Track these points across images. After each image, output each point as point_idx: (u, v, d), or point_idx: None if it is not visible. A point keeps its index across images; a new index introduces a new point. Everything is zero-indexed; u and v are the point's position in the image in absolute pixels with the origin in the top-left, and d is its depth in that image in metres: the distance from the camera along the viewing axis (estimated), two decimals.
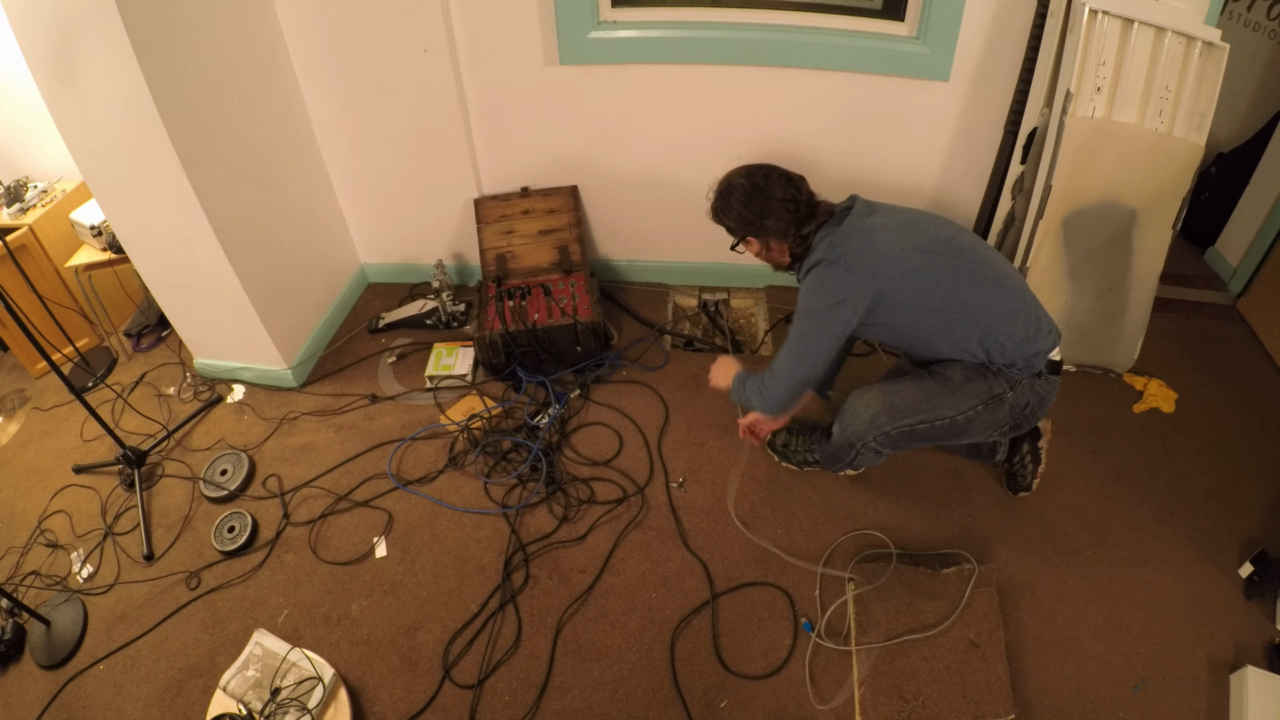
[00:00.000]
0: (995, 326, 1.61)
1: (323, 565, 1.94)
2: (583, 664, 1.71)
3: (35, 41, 1.76)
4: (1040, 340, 1.64)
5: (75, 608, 1.88)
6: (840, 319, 1.61)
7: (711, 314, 2.67)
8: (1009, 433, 1.75)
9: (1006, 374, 1.64)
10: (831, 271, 1.59)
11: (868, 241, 1.59)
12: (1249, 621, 1.73)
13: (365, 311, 2.78)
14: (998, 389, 1.64)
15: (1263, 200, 2.53)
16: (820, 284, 1.61)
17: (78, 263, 2.46)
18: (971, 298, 1.61)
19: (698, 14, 2.19)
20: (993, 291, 1.62)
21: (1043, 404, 1.69)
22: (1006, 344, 1.61)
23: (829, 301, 1.60)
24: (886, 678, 1.61)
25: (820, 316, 1.63)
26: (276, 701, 1.61)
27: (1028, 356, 1.63)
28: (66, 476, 2.25)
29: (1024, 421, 1.70)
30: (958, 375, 1.67)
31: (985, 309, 1.61)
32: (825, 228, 1.65)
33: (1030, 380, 1.65)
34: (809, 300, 1.64)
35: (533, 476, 2.10)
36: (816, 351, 1.66)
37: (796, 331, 1.68)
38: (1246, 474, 2.05)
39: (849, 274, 1.58)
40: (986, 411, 1.65)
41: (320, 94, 2.38)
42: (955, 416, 1.66)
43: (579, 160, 2.51)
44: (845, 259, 1.58)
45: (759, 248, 1.75)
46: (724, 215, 1.73)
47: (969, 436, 1.72)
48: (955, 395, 1.66)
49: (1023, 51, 2.07)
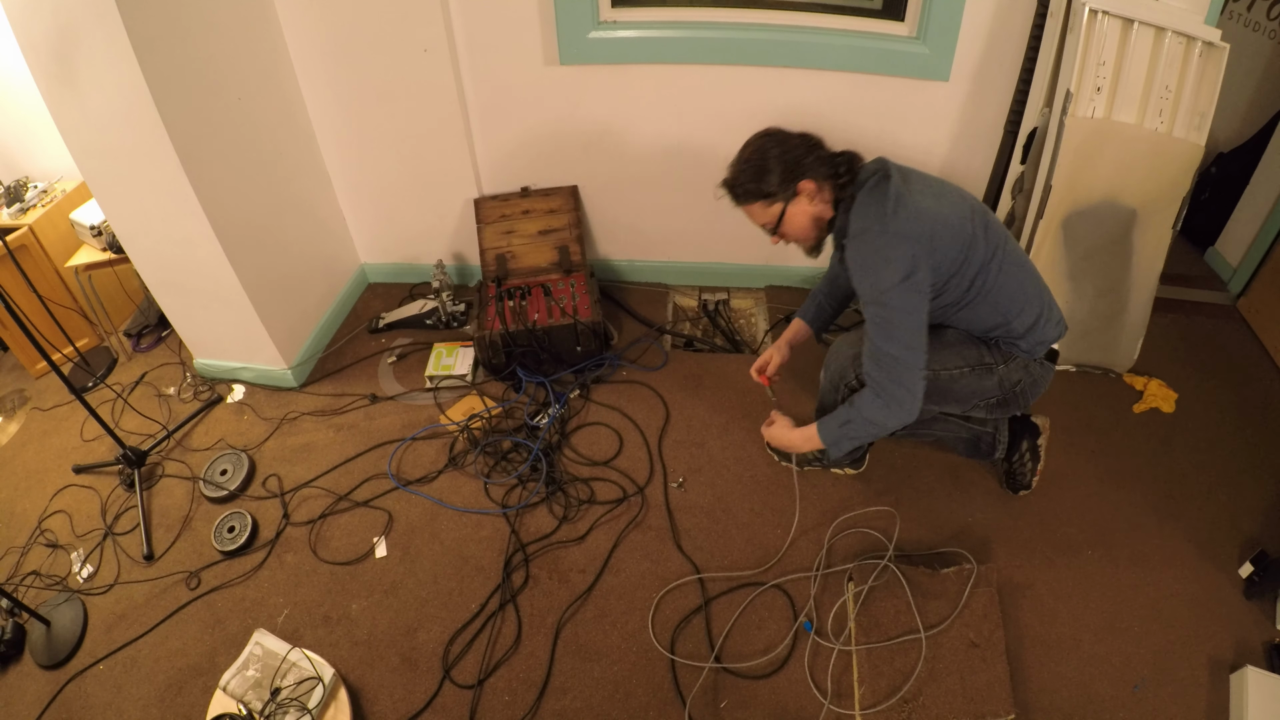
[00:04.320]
0: (1012, 309, 1.58)
1: (323, 565, 1.94)
2: (583, 664, 1.71)
3: (35, 41, 1.76)
4: (1048, 329, 1.63)
5: (75, 608, 1.88)
6: (922, 284, 1.45)
7: (711, 314, 2.67)
8: (995, 409, 1.72)
9: (1004, 349, 1.63)
10: (890, 241, 1.43)
11: (918, 208, 1.45)
12: (1249, 621, 1.73)
13: (365, 311, 2.78)
14: (989, 359, 1.63)
15: (1263, 200, 2.53)
16: (883, 258, 1.44)
17: (78, 263, 2.46)
18: (1000, 276, 1.54)
19: (698, 14, 2.19)
20: (1017, 274, 1.58)
21: (1035, 387, 1.68)
22: (1017, 327, 1.59)
23: (901, 275, 1.43)
24: (886, 678, 1.61)
25: (902, 292, 1.44)
26: (276, 701, 1.61)
27: (1032, 344, 1.62)
28: (66, 476, 2.25)
29: (1013, 399, 1.68)
30: (951, 335, 1.65)
31: (1008, 290, 1.56)
32: (867, 190, 1.50)
33: (1025, 360, 1.64)
34: (879, 279, 1.45)
35: (533, 476, 2.10)
36: (919, 326, 1.47)
37: (886, 316, 1.47)
38: (1246, 474, 2.05)
39: (909, 241, 1.42)
40: (973, 376, 1.63)
41: (320, 94, 2.38)
42: (939, 371, 1.63)
43: (579, 160, 2.51)
44: (903, 230, 1.43)
45: (805, 204, 1.56)
46: (763, 177, 1.54)
47: (953, 400, 1.70)
48: (943, 352, 1.63)
49: (1023, 51, 2.07)
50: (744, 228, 2.60)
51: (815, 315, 1.98)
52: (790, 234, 1.62)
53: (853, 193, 1.52)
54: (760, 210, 1.59)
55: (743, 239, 2.67)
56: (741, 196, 1.59)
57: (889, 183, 1.47)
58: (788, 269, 2.73)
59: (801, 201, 1.56)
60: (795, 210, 1.57)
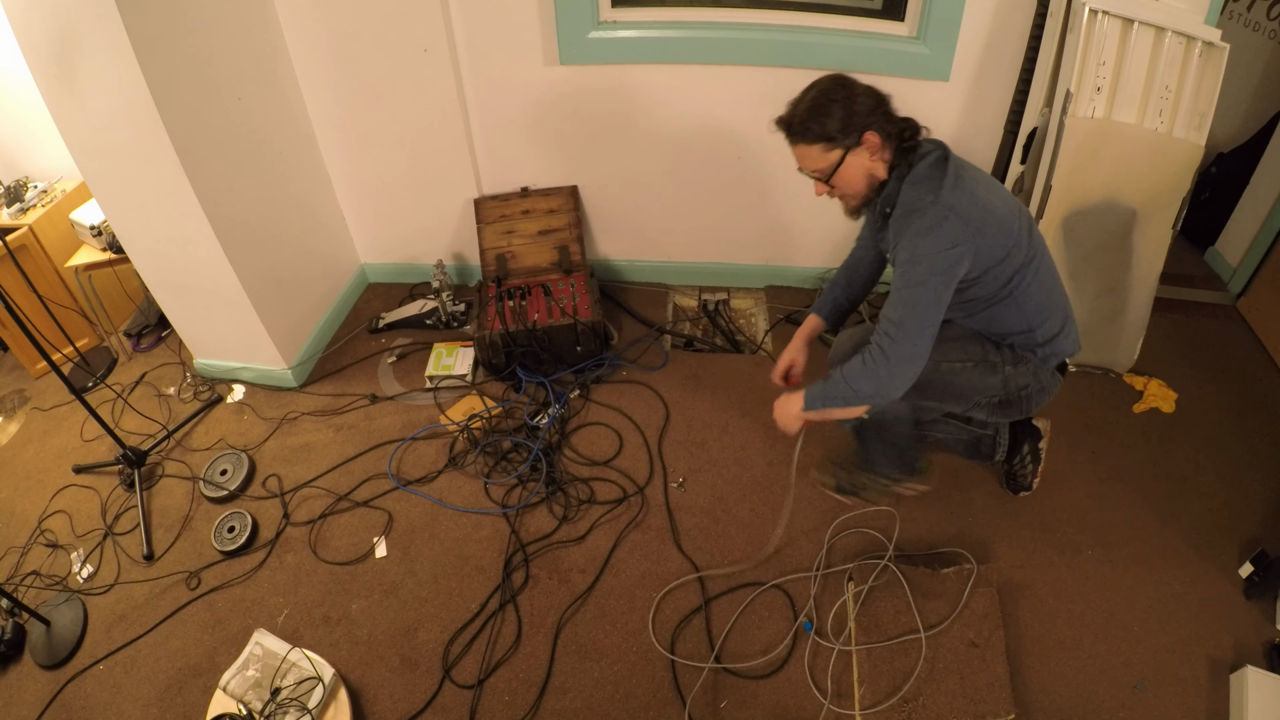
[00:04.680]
0: (1037, 317, 1.54)
1: (323, 565, 1.94)
2: (583, 664, 1.71)
3: (35, 41, 1.76)
4: (1066, 343, 1.60)
5: (75, 608, 1.88)
6: (957, 265, 1.40)
7: (711, 314, 2.67)
8: (997, 409, 1.68)
9: (1018, 352, 1.59)
10: (942, 212, 1.38)
11: (973, 193, 1.41)
12: (1249, 621, 1.72)
13: (365, 311, 2.78)
14: (993, 357, 1.59)
15: (1263, 200, 2.53)
16: (931, 227, 1.38)
17: (78, 263, 2.46)
18: (1034, 282, 1.50)
19: (698, 14, 2.19)
20: (1048, 283, 1.54)
21: (1041, 394, 1.65)
22: (1039, 335, 1.56)
23: (944, 245, 1.38)
24: (886, 678, 1.61)
25: (938, 261, 1.39)
26: (276, 701, 1.61)
27: (1048, 354, 1.59)
28: (66, 476, 2.25)
29: (1015, 402, 1.65)
30: (956, 331, 1.61)
31: (1037, 297, 1.52)
32: (926, 164, 1.45)
33: (1036, 366, 1.61)
34: (921, 243, 1.39)
35: (533, 476, 2.10)
36: (937, 305, 1.42)
37: (910, 283, 1.41)
38: (1246, 474, 2.05)
39: (960, 221, 1.38)
40: (975, 372, 1.60)
41: (320, 94, 2.38)
42: (940, 362, 1.57)
43: (579, 160, 2.51)
44: (956, 207, 1.38)
45: (864, 158, 1.46)
46: (828, 119, 1.43)
47: (952, 396, 1.66)
48: (946, 345, 1.57)
49: (1023, 51, 2.07)
50: (744, 228, 2.63)
51: (831, 310, 1.88)
52: (842, 186, 1.51)
53: (910, 161, 1.46)
54: (818, 154, 1.46)
55: (743, 239, 2.67)
56: (800, 134, 1.46)
57: (948, 163, 1.43)
58: (788, 269, 2.73)
59: (862, 153, 1.46)
60: (855, 161, 1.46)
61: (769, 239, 2.65)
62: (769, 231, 2.63)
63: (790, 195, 2.48)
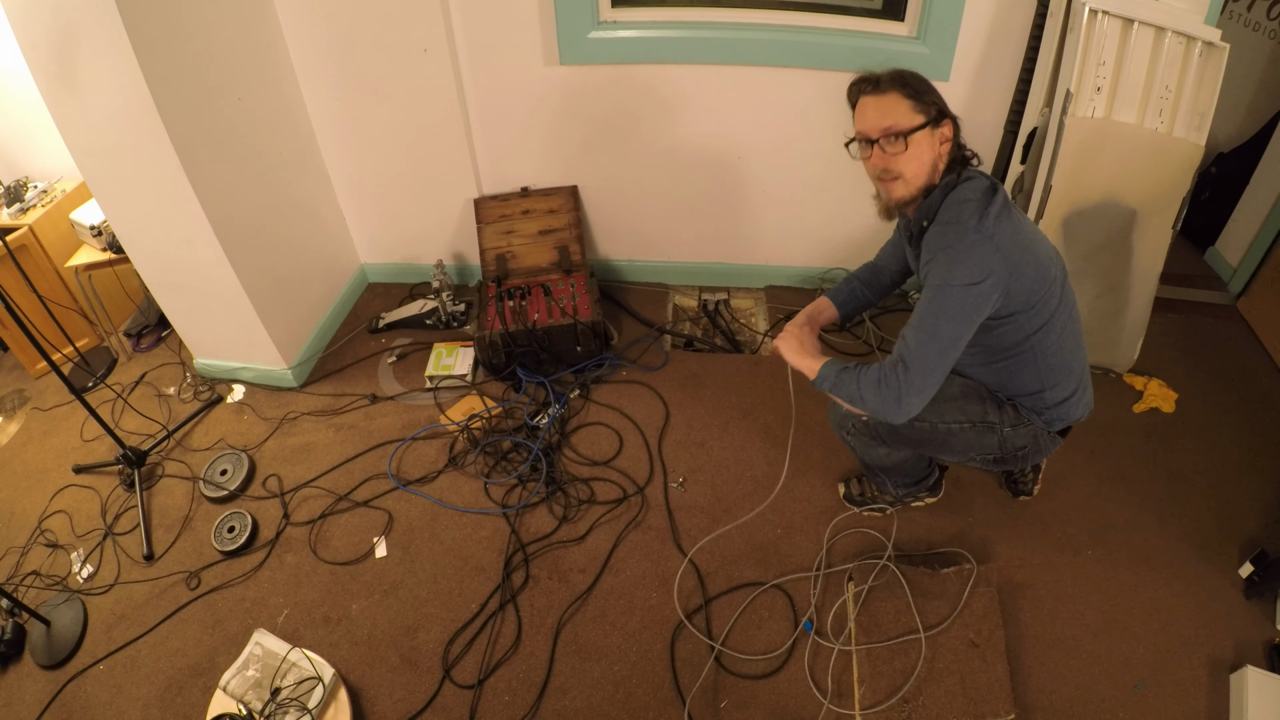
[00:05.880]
0: (1051, 379, 1.49)
1: (323, 565, 1.94)
2: (583, 664, 1.71)
3: (35, 41, 1.76)
4: (1076, 409, 1.55)
5: (75, 608, 1.88)
6: (985, 300, 1.33)
7: (711, 314, 2.67)
8: (993, 465, 1.64)
9: (1020, 414, 1.54)
10: (980, 241, 1.31)
11: (1016, 229, 1.35)
12: (1249, 621, 1.72)
13: (365, 311, 2.78)
14: (993, 418, 1.55)
15: (1263, 200, 2.53)
16: (966, 253, 1.32)
17: (78, 263, 2.46)
18: (1058, 340, 1.45)
19: (697, 14, 2.19)
20: (1071, 344, 1.49)
21: (1038, 453, 1.61)
22: (1050, 398, 1.51)
23: (977, 276, 1.31)
24: (886, 678, 1.61)
25: (966, 291, 1.32)
26: (276, 701, 1.61)
27: (1053, 417, 1.54)
28: (66, 476, 2.25)
29: (1011, 459, 1.61)
30: (957, 389, 1.56)
31: (1058, 357, 1.47)
32: (975, 189, 1.38)
33: (1036, 431, 1.56)
34: (952, 271, 1.33)
35: (533, 476, 2.10)
36: (957, 339, 1.35)
37: (936, 312, 1.35)
38: (1246, 474, 2.05)
39: (998, 253, 1.31)
40: (973, 433, 1.56)
41: (320, 94, 2.38)
42: (936, 423, 1.55)
43: (579, 160, 2.51)
44: (997, 237, 1.31)
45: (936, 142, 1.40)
46: (924, 83, 1.40)
47: (948, 451, 1.63)
48: (945, 405, 1.54)
49: (1023, 51, 2.07)
50: (744, 228, 2.63)
51: (847, 299, 1.78)
52: (907, 160, 1.40)
53: (960, 177, 1.40)
54: (906, 110, 1.37)
55: (743, 239, 2.67)
56: (899, 84, 1.38)
57: (997, 194, 1.37)
58: (788, 269, 2.73)
59: (936, 136, 1.39)
60: (930, 138, 1.39)
61: (769, 239, 2.65)
62: (769, 231, 2.63)
63: (790, 195, 2.48)
